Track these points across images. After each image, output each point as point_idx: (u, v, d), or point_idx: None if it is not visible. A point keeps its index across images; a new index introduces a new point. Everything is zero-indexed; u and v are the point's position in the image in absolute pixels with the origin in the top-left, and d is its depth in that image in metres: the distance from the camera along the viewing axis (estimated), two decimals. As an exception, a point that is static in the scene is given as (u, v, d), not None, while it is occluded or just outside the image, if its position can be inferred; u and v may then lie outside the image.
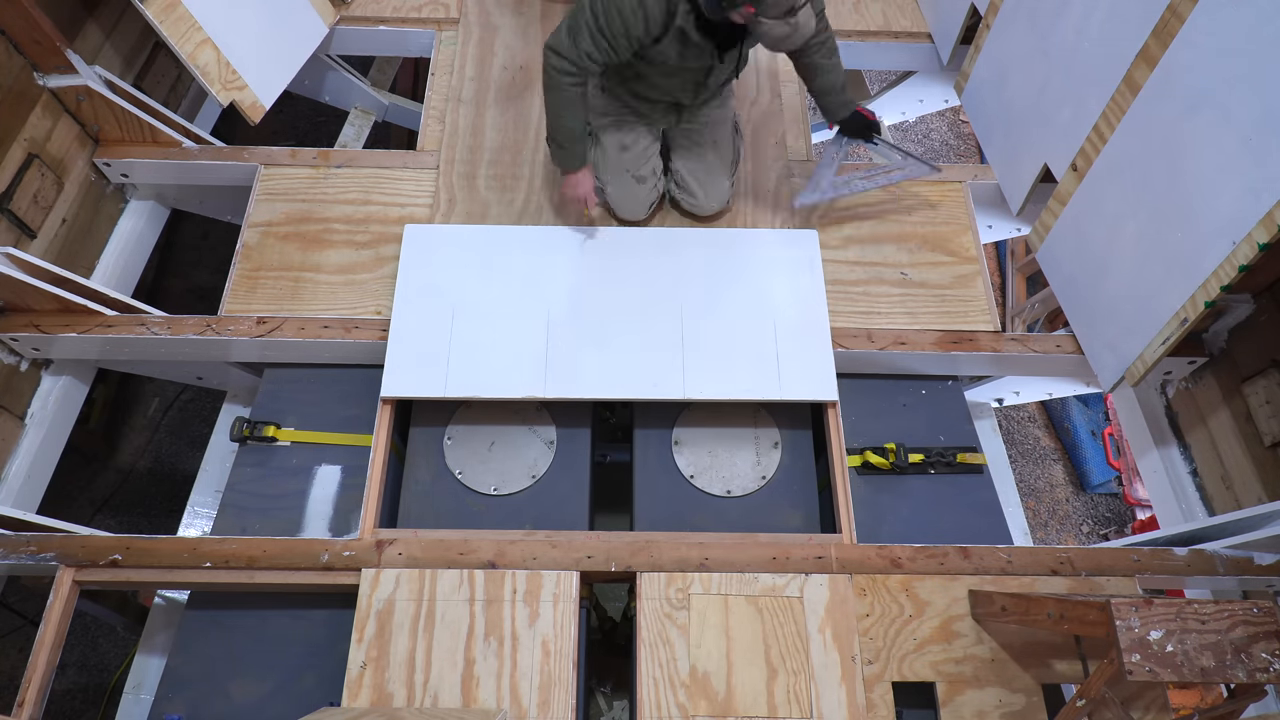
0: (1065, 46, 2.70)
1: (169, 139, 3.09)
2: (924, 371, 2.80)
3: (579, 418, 2.66)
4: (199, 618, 2.36)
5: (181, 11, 2.88)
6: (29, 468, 2.66)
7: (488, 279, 2.72)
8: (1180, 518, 2.61)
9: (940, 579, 2.27)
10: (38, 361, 2.78)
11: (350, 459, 2.63)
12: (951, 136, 5.64)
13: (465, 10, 3.56)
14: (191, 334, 2.67)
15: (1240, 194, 2.06)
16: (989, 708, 2.12)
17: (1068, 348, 2.76)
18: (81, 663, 3.61)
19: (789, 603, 2.22)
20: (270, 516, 2.53)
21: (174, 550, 2.25)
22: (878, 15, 3.65)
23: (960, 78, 3.38)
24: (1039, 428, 4.68)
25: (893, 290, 2.86)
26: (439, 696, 2.10)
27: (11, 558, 2.24)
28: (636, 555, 2.27)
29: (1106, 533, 4.39)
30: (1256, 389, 2.45)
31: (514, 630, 2.18)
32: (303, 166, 3.09)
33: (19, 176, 2.75)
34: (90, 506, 3.95)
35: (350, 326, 2.70)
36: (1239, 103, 2.05)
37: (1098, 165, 2.57)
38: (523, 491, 2.53)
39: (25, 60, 2.79)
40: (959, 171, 3.16)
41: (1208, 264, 2.17)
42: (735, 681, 2.13)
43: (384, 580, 2.23)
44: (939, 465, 2.63)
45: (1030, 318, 4.38)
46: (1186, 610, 1.60)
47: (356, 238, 2.93)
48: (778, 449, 2.63)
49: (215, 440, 3.00)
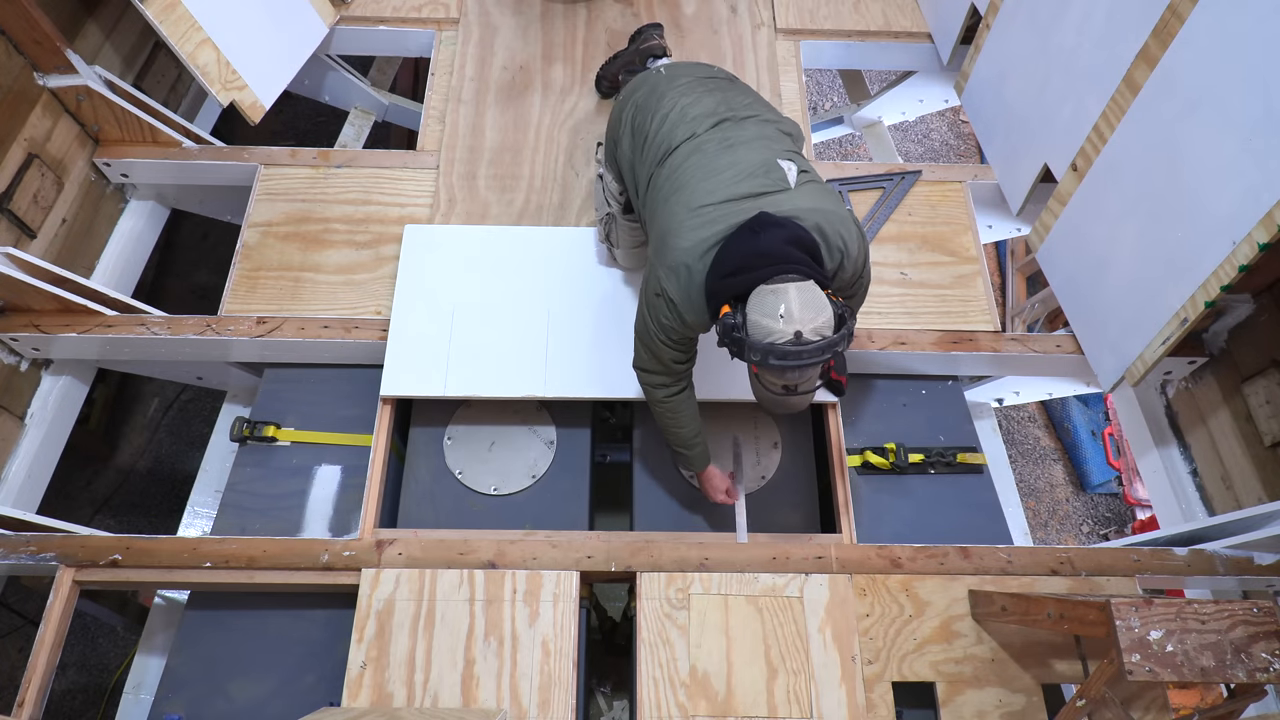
0: (1065, 46, 2.70)
1: (169, 139, 3.09)
2: (924, 371, 2.80)
3: (579, 418, 2.66)
4: (199, 618, 2.36)
5: (181, 11, 2.87)
6: (29, 468, 2.66)
7: (488, 279, 2.72)
8: (1180, 518, 2.61)
9: (940, 579, 2.27)
10: (38, 361, 2.78)
11: (350, 459, 2.63)
12: (951, 136, 5.64)
13: (465, 10, 3.55)
14: (191, 334, 2.67)
15: (1240, 194, 2.06)
16: (989, 708, 2.12)
17: (1068, 348, 2.76)
18: (81, 663, 3.61)
19: (789, 603, 2.22)
20: (270, 516, 2.53)
21: (174, 550, 2.25)
22: (878, 15, 3.64)
23: (960, 78, 3.38)
24: (1039, 428, 4.68)
25: (893, 290, 2.86)
26: (439, 696, 2.10)
27: (11, 558, 2.24)
28: (636, 555, 2.27)
29: (1106, 533, 4.39)
30: (1256, 389, 2.45)
31: (514, 630, 2.18)
32: (303, 166, 3.09)
33: (19, 176, 2.75)
34: (90, 506, 3.95)
35: (350, 326, 2.70)
36: (1239, 103, 2.05)
37: (1098, 165, 2.57)
38: (523, 491, 2.53)
39: (25, 60, 2.79)
40: (959, 171, 3.16)
41: (1208, 264, 2.17)
42: (735, 681, 2.13)
43: (384, 580, 2.23)
44: (939, 465, 2.63)
45: (1030, 318, 4.38)
46: (1186, 610, 1.60)
47: (356, 238, 2.93)
48: (778, 449, 2.63)
49: (215, 440, 3.00)
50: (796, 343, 1.80)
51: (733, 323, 1.87)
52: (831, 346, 1.83)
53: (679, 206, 2.05)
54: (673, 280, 2.00)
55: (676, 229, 2.02)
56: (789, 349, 1.80)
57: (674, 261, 2.00)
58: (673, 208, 2.07)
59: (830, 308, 1.85)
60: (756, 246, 1.89)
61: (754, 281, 1.86)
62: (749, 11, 3.61)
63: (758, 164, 2.05)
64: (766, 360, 1.83)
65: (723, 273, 1.92)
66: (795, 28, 3.56)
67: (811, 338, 1.81)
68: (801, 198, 2.00)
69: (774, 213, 1.94)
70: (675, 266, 1.99)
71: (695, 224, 1.99)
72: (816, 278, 1.88)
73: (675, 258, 1.99)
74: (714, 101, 2.23)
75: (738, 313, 1.88)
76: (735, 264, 1.90)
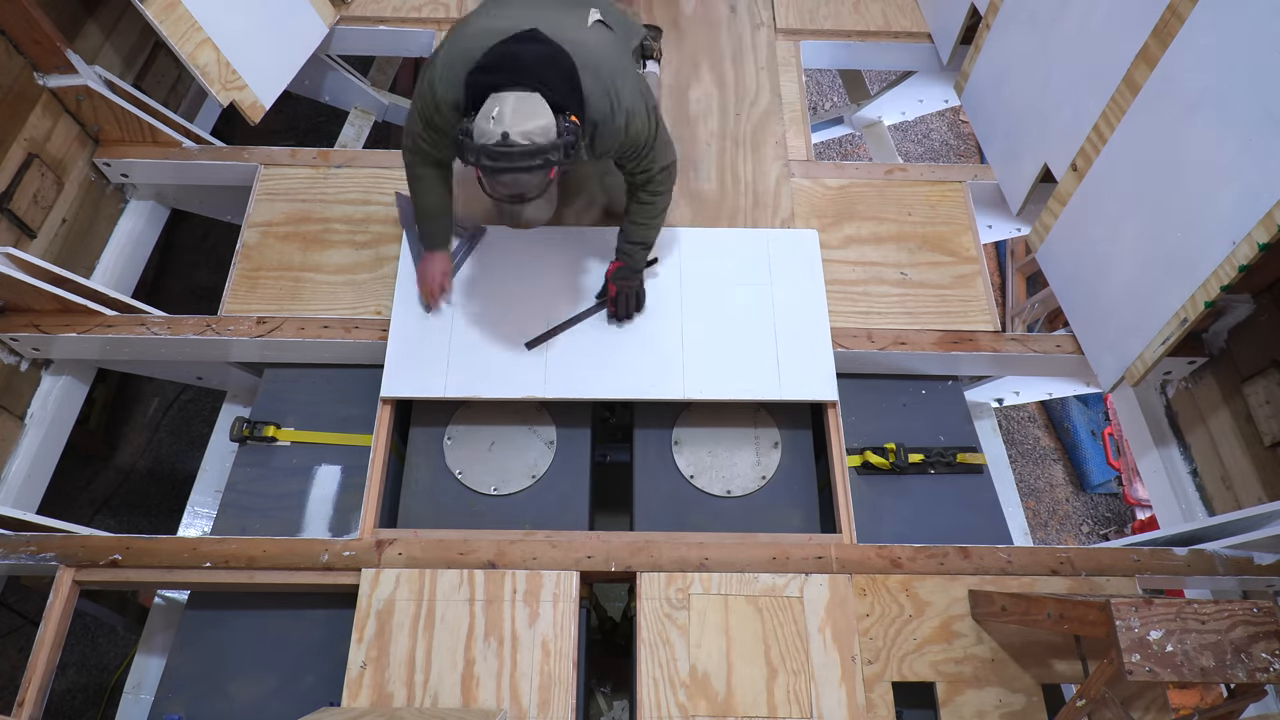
0: (1065, 47, 2.70)
1: (169, 139, 3.09)
2: (924, 371, 2.80)
3: (579, 418, 2.66)
4: (199, 618, 2.36)
5: (181, 11, 2.87)
6: (29, 468, 2.66)
7: (487, 279, 2.72)
8: (1180, 518, 2.61)
9: (940, 579, 2.27)
10: (38, 361, 2.78)
11: (350, 459, 2.63)
12: (951, 136, 5.64)
13: (465, 10, 3.55)
14: (191, 334, 2.67)
15: (1240, 194, 2.06)
16: (989, 708, 2.12)
17: (1068, 348, 2.76)
18: (81, 663, 3.61)
19: (789, 603, 2.22)
20: (270, 516, 2.53)
21: (174, 550, 2.25)
22: (878, 15, 3.64)
23: (960, 78, 3.38)
24: (1039, 428, 4.68)
25: (893, 290, 2.86)
26: (439, 696, 2.10)
27: (11, 558, 2.24)
28: (636, 555, 2.27)
29: (1106, 533, 4.39)
30: (1256, 389, 2.45)
31: (514, 630, 2.18)
32: (303, 166, 3.09)
33: (19, 176, 2.75)
34: (90, 506, 3.95)
35: (350, 326, 2.70)
36: (1239, 103, 2.05)
37: (1098, 165, 2.57)
38: (523, 491, 2.53)
39: (25, 60, 2.79)
40: (959, 171, 3.16)
41: (1208, 264, 2.17)
42: (735, 681, 2.13)
43: (384, 580, 2.23)
44: (939, 465, 2.63)
45: (1030, 318, 4.38)
46: (1186, 610, 1.60)
47: (356, 238, 2.93)
48: (778, 449, 2.63)
49: (215, 440, 3.00)
50: (503, 144, 1.89)
51: (464, 127, 1.96)
52: (540, 153, 1.92)
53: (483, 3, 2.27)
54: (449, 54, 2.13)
55: (473, 16, 2.19)
56: (496, 149, 1.90)
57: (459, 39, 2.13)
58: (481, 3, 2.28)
59: (550, 118, 1.93)
60: (509, 52, 2.01)
61: (493, 85, 1.96)
62: (749, 11, 3.61)
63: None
64: (480, 160, 1.93)
65: (479, 66, 2.02)
66: (795, 28, 3.56)
67: (519, 140, 1.90)
68: (586, 33, 2.13)
69: (548, 33, 2.04)
70: (458, 44, 2.12)
71: (492, 12, 2.15)
72: (553, 98, 1.96)
73: (461, 38, 2.13)
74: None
75: (471, 117, 1.97)
76: (491, 61, 2.01)
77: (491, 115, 1.91)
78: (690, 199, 3.04)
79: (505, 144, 1.90)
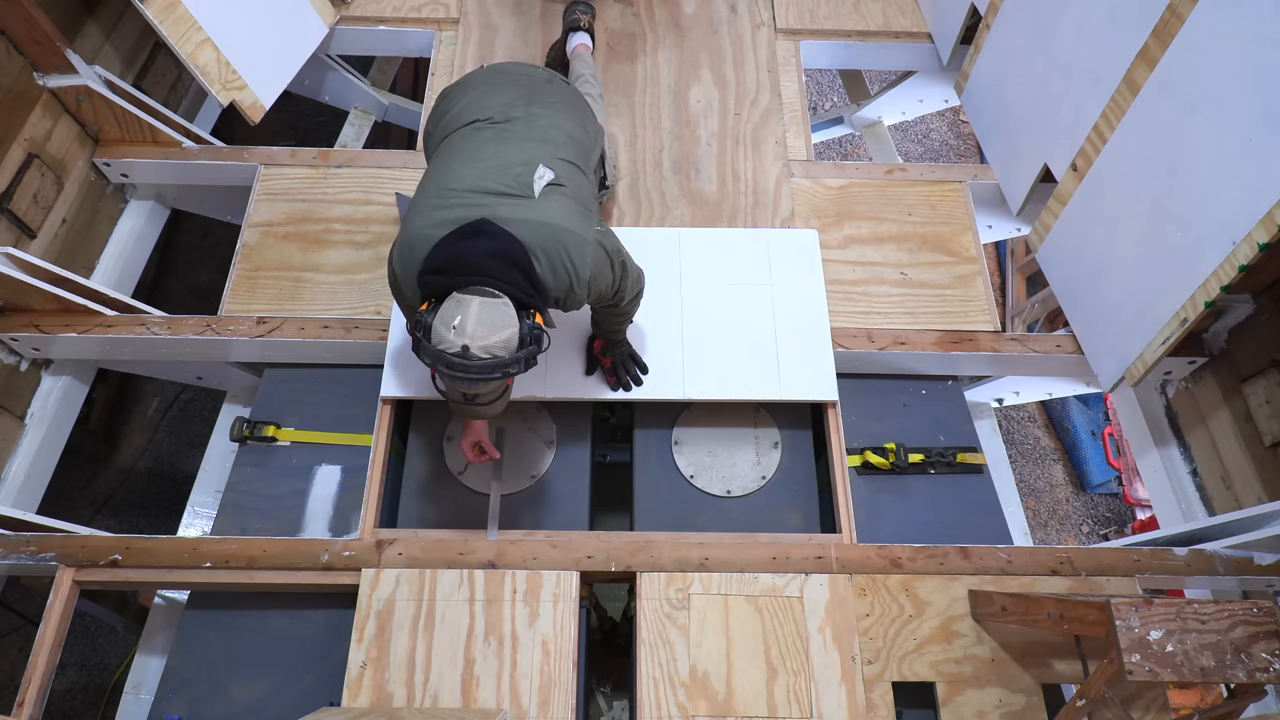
0: (1065, 46, 2.70)
1: (169, 139, 3.09)
2: (924, 371, 2.80)
3: (579, 418, 2.66)
4: (199, 618, 2.36)
5: (181, 11, 2.88)
6: (29, 468, 2.66)
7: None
8: (1180, 518, 2.61)
9: (940, 579, 2.27)
10: (38, 361, 2.78)
11: (350, 459, 2.63)
12: (951, 136, 5.65)
13: (465, 10, 3.56)
14: (191, 334, 2.67)
15: (1240, 194, 2.06)
16: (989, 708, 2.12)
17: (1068, 348, 2.76)
18: (81, 663, 3.62)
19: (789, 603, 2.22)
20: (270, 516, 2.53)
21: (174, 550, 2.25)
22: (878, 15, 3.64)
23: (960, 78, 3.38)
24: (1039, 428, 4.68)
25: (893, 290, 2.86)
26: (439, 696, 2.10)
27: (11, 558, 2.24)
28: (636, 555, 2.27)
29: (1106, 533, 4.39)
30: (1256, 389, 2.45)
31: (514, 630, 2.18)
32: (303, 166, 3.09)
33: (19, 176, 2.75)
34: (90, 506, 3.95)
35: (350, 326, 2.70)
36: (1239, 103, 2.05)
37: (1098, 165, 2.57)
38: (523, 491, 2.53)
39: (25, 60, 2.79)
40: (959, 171, 3.16)
41: (1208, 264, 2.17)
42: (735, 681, 2.13)
43: (384, 580, 2.23)
44: (939, 465, 2.63)
45: (1030, 318, 4.38)
46: (1186, 610, 1.60)
47: (356, 238, 2.93)
48: (778, 449, 2.63)
49: (215, 440, 3.00)
50: (462, 356, 1.81)
51: (421, 321, 1.88)
52: (500, 367, 1.84)
53: (430, 182, 2.08)
54: (400, 252, 2.02)
55: (421, 204, 2.03)
56: (455, 360, 1.81)
57: (408, 236, 2.01)
58: (427, 179, 2.10)
59: (514, 329, 1.85)
60: (459, 251, 1.90)
61: (450, 286, 1.88)
62: (749, 11, 3.61)
63: (518, 163, 2.04)
64: (436, 366, 1.85)
65: (429, 268, 1.94)
66: (795, 28, 3.56)
67: (480, 355, 1.81)
68: (535, 209, 1.97)
69: (496, 220, 1.93)
70: (407, 241, 2.01)
71: (436, 204, 2.00)
72: (515, 294, 1.89)
73: (409, 233, 2.01)
74: (514, 95, 2.24)
75: (431, 313, 1.88)
76: (439, 263, 1.92)
77: (453, 324, 1.82)
78: (690, 199, 3.04)
79: (465, 357, 1.81)
